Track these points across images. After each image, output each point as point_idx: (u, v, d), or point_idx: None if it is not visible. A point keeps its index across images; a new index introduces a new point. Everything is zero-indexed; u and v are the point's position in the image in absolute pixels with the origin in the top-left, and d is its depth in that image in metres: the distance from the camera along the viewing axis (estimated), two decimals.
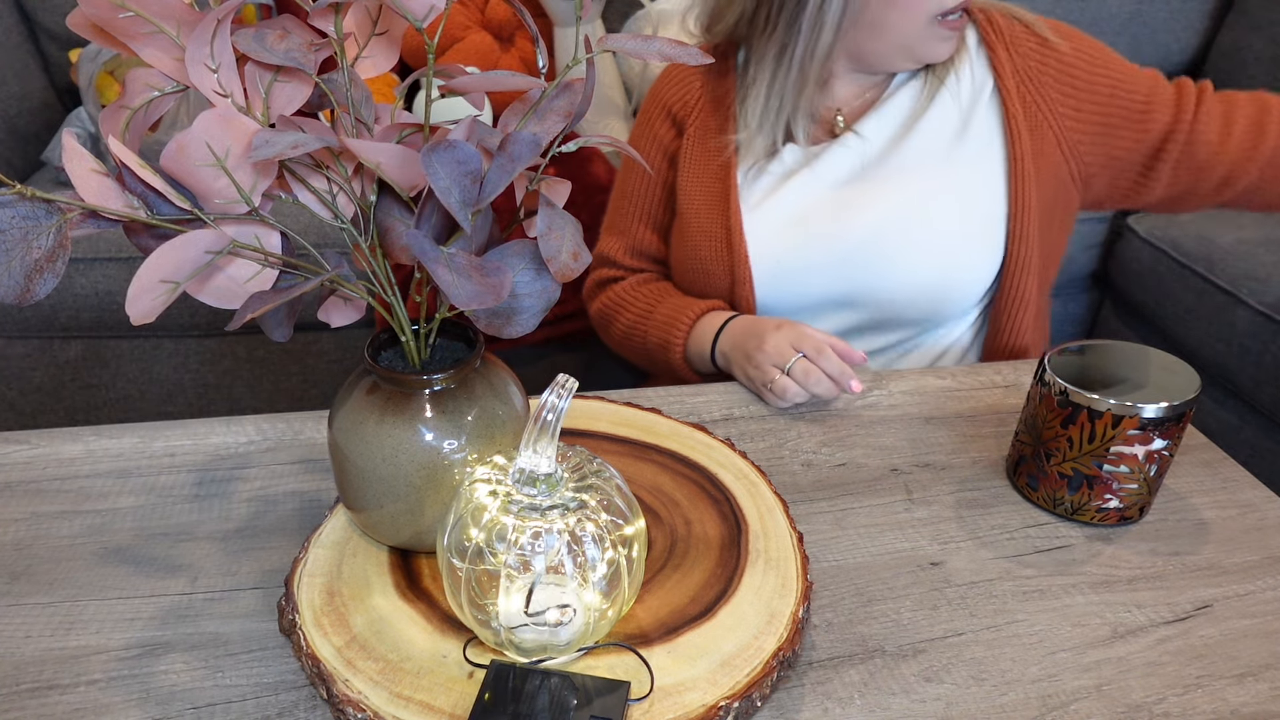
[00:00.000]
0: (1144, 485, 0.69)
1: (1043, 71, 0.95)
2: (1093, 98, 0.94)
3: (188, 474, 0.74)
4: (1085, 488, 0.70)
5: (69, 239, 0.47)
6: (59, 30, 1.80)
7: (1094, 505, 0.70)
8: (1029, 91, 0.95)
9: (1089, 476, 0.69)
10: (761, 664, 0.55)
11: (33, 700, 0.55)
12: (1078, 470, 0.69)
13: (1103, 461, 0.68)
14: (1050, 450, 0.70)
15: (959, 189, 0.94)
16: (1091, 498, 0.70)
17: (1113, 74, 0.94)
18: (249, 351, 1.61)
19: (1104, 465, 0.68)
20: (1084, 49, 0.95)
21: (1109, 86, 0.94)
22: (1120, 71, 0.95)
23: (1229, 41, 2.16)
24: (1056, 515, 0.72)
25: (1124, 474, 0.68)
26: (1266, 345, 1.40)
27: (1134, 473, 0.68)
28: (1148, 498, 0.71)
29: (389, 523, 0.60)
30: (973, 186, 0.94)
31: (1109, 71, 0.95)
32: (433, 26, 1.51)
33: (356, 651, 0.55)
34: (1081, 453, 0.68)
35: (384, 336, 0.61)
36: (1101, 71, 0.94)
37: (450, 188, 0.49)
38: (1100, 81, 0.94)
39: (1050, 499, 0.72)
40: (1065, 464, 0.70)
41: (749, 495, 0.68)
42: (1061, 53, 0.95)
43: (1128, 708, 0.57)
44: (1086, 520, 0.71)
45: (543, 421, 0.51)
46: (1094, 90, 0.94)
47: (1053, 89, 0.94)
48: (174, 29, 0.49)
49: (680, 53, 0.51)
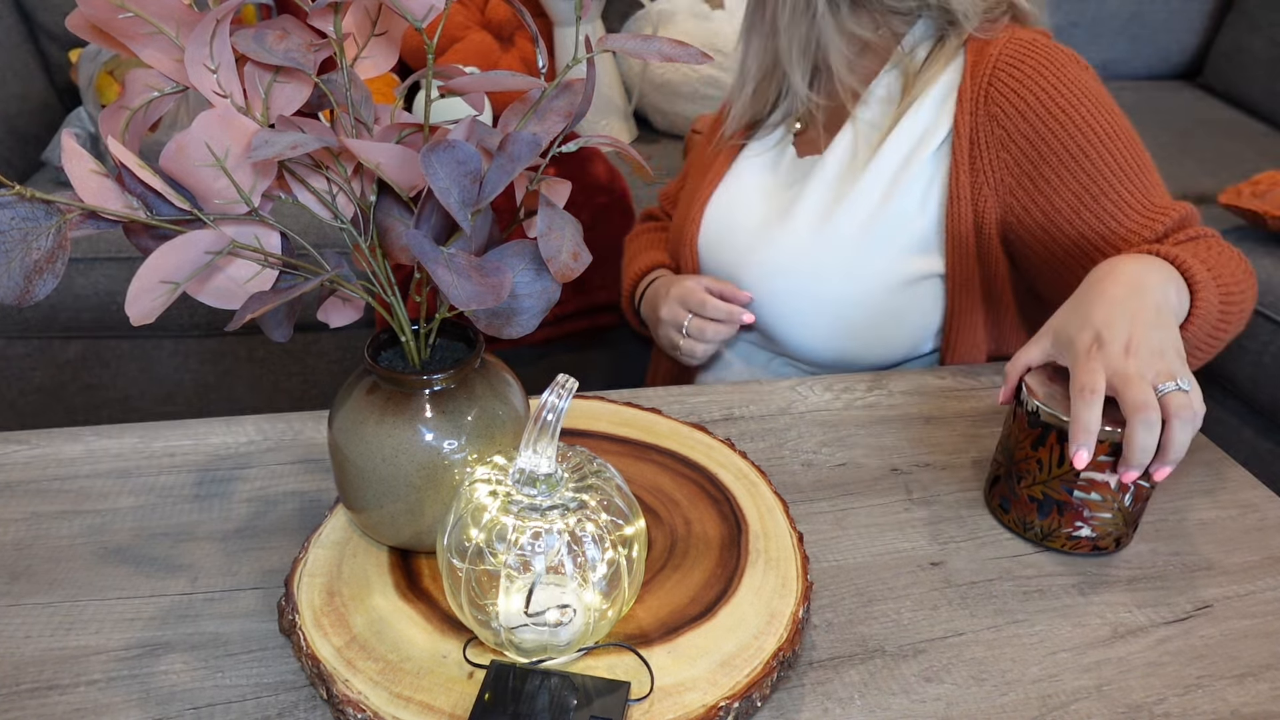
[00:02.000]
0: (1119, 515, 0.66)
1: (1007, 138, 0.86)
2: (1050, 191, 0.85)
3: (188, 474, 0.74)
4: (1055, 513, 0.66)
5: (69, 239, 0.47)
6: (59, 30, 1.80)
7: (1064, 532, 0.67)
8: (979, 156, 0.87)
9: (1059, 502, 0.66)
10: (761, 664, 0.55)
11: (33, 700, 0.55)
12: (1048, 495, 0.66)
13: (1073, 487, 0.65)
14: (1021, 472, 0.67)
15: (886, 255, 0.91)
16: (1062, 524, 0.66)
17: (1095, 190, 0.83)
18: (249, 351, 1.61)
19: (1074, 491, 0.65)
20: (1086, 128, 0.83)
21: (1075, 197, 0.83)
22: (1106, 187, 0.83)
23: (1229, 42, 2.16)
24: (1027, 540, 0.69)
25: (1096, 502, 0.65)
26: (1266, 345, 1.40)
27: (1107, 501, 0.65)
28: (1124, 529, 0.67)
29: (389, 523, 0.60)
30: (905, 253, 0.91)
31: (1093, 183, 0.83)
32: (432, 26, 1.51)
33: (356, 651, 0.55)
34: (1051, 476, 0.65)
35: (384, 336, 0.61)
36: (1085, 176, 0.83)
37: (450, 188, 0.49)
38: (1070, 182, 0.84)
39: (1021, 523, 0.69)
40: (1035, 487, 0.67)
41: (749, 495, 0.68)
42: (1045, 125, 0.84)
43: (1128, 708, 0.57)
44: (1057, 548, 0.68)
45: (543, 421, 0.51)
46: (1058, 186, 0.84)
47: (1007, 157, 0.86)
48: (173, 29, 0.49)
49: (680, 52, 0.51)
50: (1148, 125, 1.98)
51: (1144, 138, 0.88)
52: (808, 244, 0.93)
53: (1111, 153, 0.83)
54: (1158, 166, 0.87)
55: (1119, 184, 0.83)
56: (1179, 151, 1.87)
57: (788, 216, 0.95)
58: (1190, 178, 1.77)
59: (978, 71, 0.87)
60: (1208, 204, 1.66)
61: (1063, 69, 0.85)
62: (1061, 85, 0.84)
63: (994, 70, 0.86)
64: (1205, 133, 1.96)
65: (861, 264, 0.92)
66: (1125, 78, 2.28)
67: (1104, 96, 0.85)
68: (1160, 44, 2.25)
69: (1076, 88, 0.84)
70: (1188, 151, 1.87)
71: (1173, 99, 2.16)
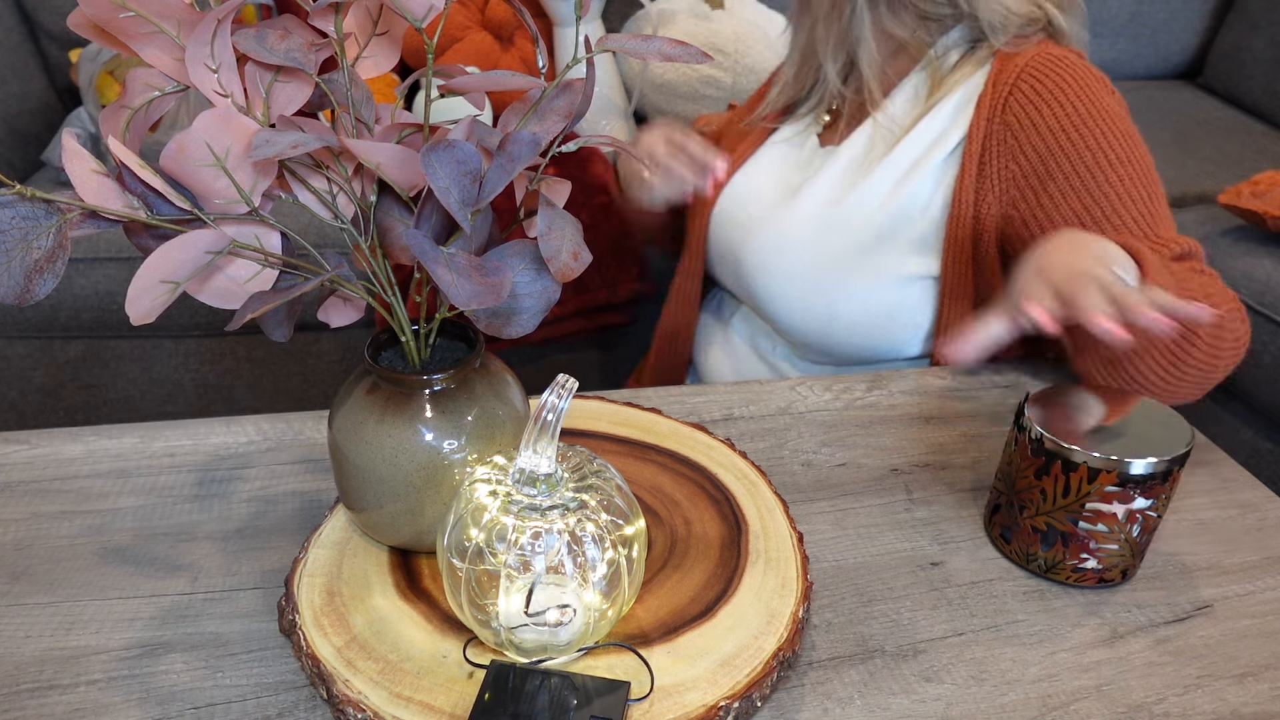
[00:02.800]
0: (1126, 546, 0.64)
1: (1019, 150, 0.86)
2: (1052, 203, 0.85)
3: (188, 474, 0.74)
4: (1060, 545, 0.64)
5: (69, 239, 0.47)
6: (59, 30, 1.80)
7: (1069, 564, 0.64)
8: (989, 163, 0.87)
9: (1064, 533, 0.64)
10: (761, 664, 0.55)
11: (33, 700, 0.55)
12: (1051, 525, 0.64)
13: (1078, 518, 0.63)
14: (1024, 502, 0.65)
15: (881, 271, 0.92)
16: (1066, 556, 0.64)
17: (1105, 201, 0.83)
18: (249, 351, 1.61)
19: (1079, 522, 0.63)
20: (1098, 150, 0.83)
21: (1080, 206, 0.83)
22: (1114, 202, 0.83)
23: (1229, 42, 2.16)
24: (1030, 573, 0.66)
25: (1102, 533, 0.63)
26: (1266, 345, 1.40)
27: (1113, 532, 0.63)
28: (1131, 560, 0.65)
29: (389, 523, 0.60)
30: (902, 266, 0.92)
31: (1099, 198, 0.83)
32: (432, 26, 1.51)
33: (356, 651, 0.55)
34: (1055, 507, 0.63)
35: (384, 336, 0.61)
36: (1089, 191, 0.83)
37: (450, 188, 0.49)
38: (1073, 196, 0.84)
39: (1024, 554, 0.66)
40: (1039, 518, 0.64)
41: (749, 495, 0.68)
42: (1063, 148, 0.84)
43: (1128, 708, 0.57)
44: (1061, 580, 0.65)
45: (543, 421, 0.51)
46: (1060, 200, 0.84)
47: (1016, 168, 0.86)
48: (174, 29, 0.49)
49: (680, 52, 0.51)
50: (1148, 125, 1.99)
51: (1144, 138, 0.87)
52: (810, 229, 0.94)
53: (1121, 178, 0.83)
54: (1157, 166, 0.87)
55: (1123, 209, 0.82)
56: (1179, 151, 1.87)
57: (795, 199, 0.96)
58: (1190, 178, 1.77)
59: (1000, 81, 0.87)
60: (1208, 204, 1.66)
61: (1086, 88, 0.84)
62: (1081, 104, 0.84)
63: (1016, 81, 0.86)
64: (1205, 133, 1.96)
65: (859, 257, 0.92)
66: (1125, 78, 2.28)
67: (1124, 123, 0.85)
68: (1160, 44, 2.25)
69: (1096, 109, 0.84)
70: (1188, 151, 1.87)
71: (1173, 99, 2.16)
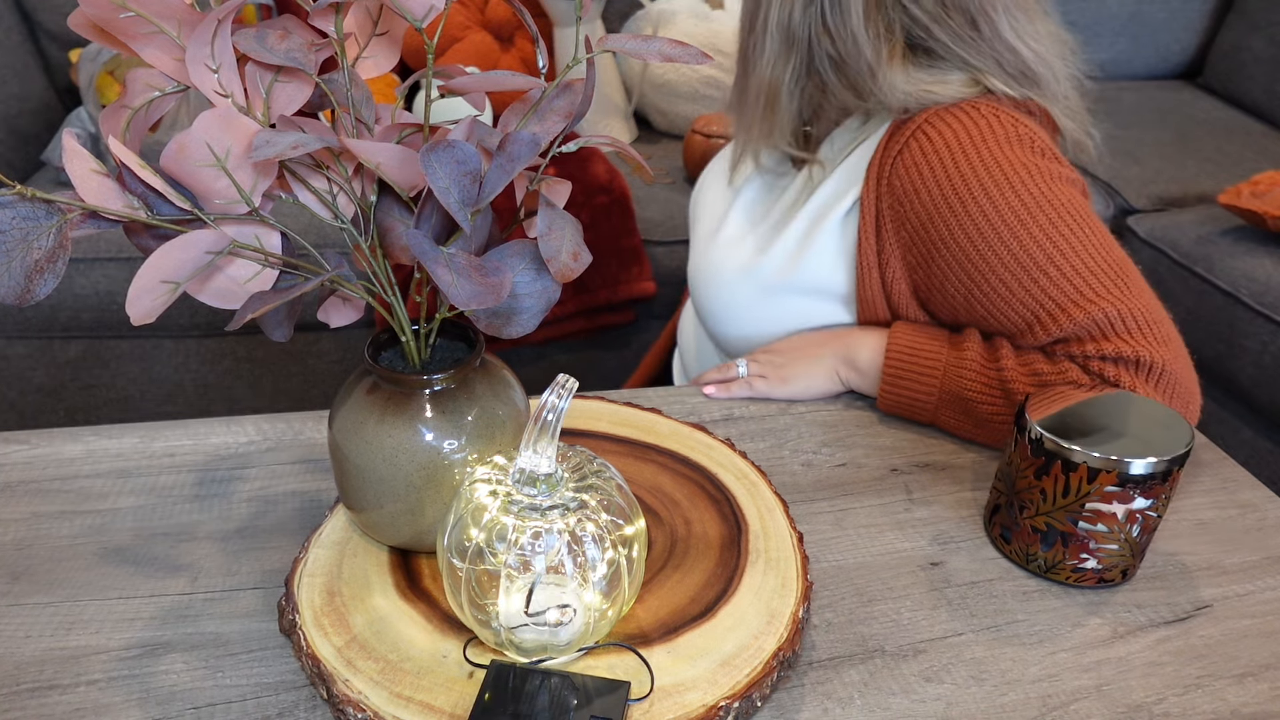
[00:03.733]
0: (1125, 546, 0.64)
1: (909, 209, 0.80)
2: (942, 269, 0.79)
3: (188, 474, 0.74)
4: (1060, 545, 0.64)
5: (69, 239, 0.47)
6: (59, 30, 1.80)
7: (1069, 564, 0.65)
8: (884, 229, 0.83)
9: (1063, 533, 0.64)
10: (761, 664, 0.55)
11: (33, 700, 0.55)
12: (1051, 525, 0.64)
13: (1078, 518, 0.63)
14: (1024, 502, 0.65)
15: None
16: (1066, 556, 0.64)
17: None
18: (249, 351, 1.61)
19: (1079, 522, 0.63)
20: (980, 216, 0.76)
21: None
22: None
23: (1229, 41, 2.16)
24: (1030, 573, 0.67)
25: (1102, 533, 0.63)
26: (1266, 345, 1.40)
27: (1113, 532, 0.63)
28: (1131, 560, 0.65)
29: (389, 523, 0.60)
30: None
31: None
32: (432, 26, 1.51)
33: (356, 651, 0.55)
34: (1055, 507, 0.63)
35: (384, 336, 0.61)
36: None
37: (449, 188, 0.49)
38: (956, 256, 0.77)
39: (1023, 554, 0.67)
40: (1038, 518, 0.65)
41: (749, 495, 0.68)
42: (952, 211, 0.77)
43: (1128, 708, 0.57)
44: (1061, 580, 0.66)
45: (543, 421, 0.51)
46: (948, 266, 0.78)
47: (905, 236, 0.81)
48: (174, 29, 0.49)
49: (680, 52, 0.51)
50: (1148, 125, 1.99)
51: (1144, 138, 0.84)
52: (732, 268, 0.93)
53: (1007, 244, 0.75)
54: (1158, 166, 0.84)
55: (1009, 279, 0.75)
56: (1179, 151, 1.87)
57: (725, 229, 0.96)
58: (1190, 178, 1.77)
59: (892, 142, 0.82)
60: (1208, 204, 1.67)
61: (978, 148, 0.76)
62: (966, 166, 0.76)
63: (903, 145, 0.80)
64: (1205, 133, 1.96)
65: (776, 303, 0.90)
66: (1125, 78, 2.28)
67: (1028, 178, 0.75)
68: (1160, 44, 2.25)
69: (982, 170, 0.76)
70: (1188, 151, 1.87)
71: (1173, 99, 2.16)
